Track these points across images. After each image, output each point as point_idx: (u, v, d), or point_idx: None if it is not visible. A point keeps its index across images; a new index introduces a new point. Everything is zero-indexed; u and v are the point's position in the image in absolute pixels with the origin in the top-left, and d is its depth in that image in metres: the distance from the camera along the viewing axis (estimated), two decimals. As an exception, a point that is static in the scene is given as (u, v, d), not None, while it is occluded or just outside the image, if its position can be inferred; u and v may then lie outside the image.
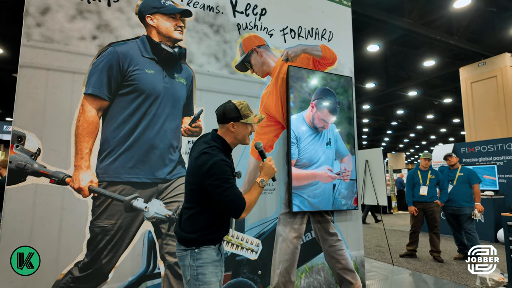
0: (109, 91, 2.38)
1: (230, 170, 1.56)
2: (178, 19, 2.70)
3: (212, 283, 1.55)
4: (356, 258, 3.26)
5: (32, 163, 2.13)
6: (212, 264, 1.58)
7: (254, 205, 1.63)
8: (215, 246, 1.61)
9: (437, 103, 16.70)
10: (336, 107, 3.26)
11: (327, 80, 3.25)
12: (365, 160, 4.98)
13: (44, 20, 2.26)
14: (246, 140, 1.72)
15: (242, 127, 1.67)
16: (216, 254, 1.62)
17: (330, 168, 3.13)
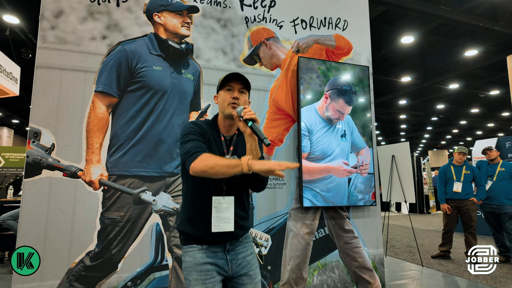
0: (118, 88, 2.48)
1: (197, 129, 1.37)
2: (185, 16, 2.74)
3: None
4: (375, 257, 3.10)
5: (47, 157, 2.27)
6: (196, 270, 1.32)
7: (215, 168, 1.19)
8: (201, 247, 1.34)
9: (482, 95, 15.47)
10: (352, 97, 3.12)
11: (340, 70, 3.13)
12: (391, 156, 4.73)
13: (58, 22, 2.40)
14: (226, 109, 1.38)
15: (221, 95, 1.42)
16: (205, 256, 1.33)
17: (346, 162, 3.01)
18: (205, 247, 1.34)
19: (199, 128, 1.38)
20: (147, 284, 2.39)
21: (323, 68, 3.06)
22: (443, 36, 10.28)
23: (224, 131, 1.46)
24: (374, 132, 3.25)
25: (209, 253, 1.34)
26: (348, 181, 3.00)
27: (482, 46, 10.23)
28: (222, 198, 1.38)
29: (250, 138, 1.32)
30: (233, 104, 1.37)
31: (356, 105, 3.14)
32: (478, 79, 13.27)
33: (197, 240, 1.35)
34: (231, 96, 1.38)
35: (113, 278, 2.32)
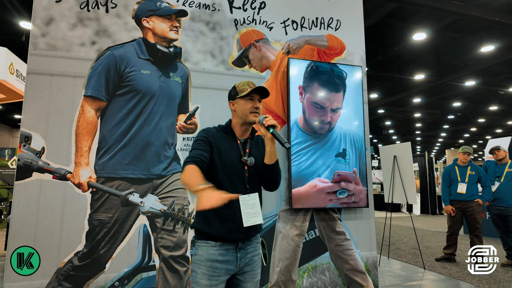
0: (107, 92, 2.54)
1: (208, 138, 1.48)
2: (173, 20, 2.78)
3: (200, 285, 1.39)
4: (368, 259, 3.05)
5: (37, 160, 2.35)
6: (206, 265, 1.40)
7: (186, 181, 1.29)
8: (216, 243, 1.43)
9: (502, 92, 14.91)
10: (335, 80, 3.03)
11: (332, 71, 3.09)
12: (393, 156, 4.64)
13: (49, 30, 2.48)
14: (248, 117, 1.51)
15: (241, 103, 1.54)
16: (218, 254, 1.42)
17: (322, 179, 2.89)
18: (219, 244, 1.43)
19: (207, 136, 1.50)
20: (134, 284, 2.45)
21: (314, 68, 3.03)
22: (458, 32, 9.98)
23: (239, 135, 1.58)
24: (367, 134, 3.20)
25: (222, 250, 1.43)
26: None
27: (499, 41, 9.87)
28: (248, 196, 1.50)
29: (270, 142, 1.49)
30: (255, 113, 1.53)
31: (348, 106, 3.09)
32: (497, 75, 12.81)
33: (214, 237, 1.43)
34: (252, 105, 1.53)
35: (101, 278, 2.38)
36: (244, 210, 1.47)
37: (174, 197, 2.60)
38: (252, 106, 1.53)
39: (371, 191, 3.14)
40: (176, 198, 2.60)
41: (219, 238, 1.44)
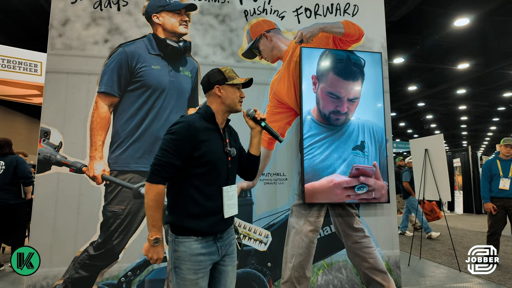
0: (119, 88, 2.61)
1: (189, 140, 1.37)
2: (183, 14, 2.79)
3: (187, 280, 1.36)
4: (389, 258, 2.86)
5: (55, 154, 2.48)
6: (190, 260, 1.37)
7: (146, 207, 1.36)
8: (197, 238, 1.39)
9: (561, 79, 13.37)
10: (352, 67, 2.86)
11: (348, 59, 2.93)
12: (424, 150, 4.32)
13: (65, 30, 2.60)
14: (236, 105, 1.50)
15: (230, 90, 1.48)
16: (201, 247, 1.39)
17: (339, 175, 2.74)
18: (200, 238, 1.39)
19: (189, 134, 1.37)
20: (146, 274, 2.50)
21: (329, 57, 2.89)
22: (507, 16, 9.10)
23: (219, 124, 1.51)
24: (389, 125, 2.99)
25: (203, 243, 1.40)
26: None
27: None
28: (229, 187, 1.49)
29: (259, 134, 1.57)
30: (241, 102, 1.54)
31: (367, 95, 2.91)
32: (555, 61, 11.52)
33: (198, 232, 1.39)
34: (240, 95, 1.52)
35: (115, 267, 2.46)
36: (226, 201, 1.46)
37: (184, 190, 2.61)
38: (240, 95, 1.53)
39: (393, 186, 2.94)
40: (186, 191, 2.62)
41: (202, 232, 1.40)
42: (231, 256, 1.53)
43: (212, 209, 1.42)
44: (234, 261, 1.55)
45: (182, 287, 1.37)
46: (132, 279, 2.47)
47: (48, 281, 2.36)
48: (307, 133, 2.77)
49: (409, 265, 4.10)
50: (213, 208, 1.42)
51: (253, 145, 1.58)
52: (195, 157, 1.38)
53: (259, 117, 1.53)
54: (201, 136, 1.40)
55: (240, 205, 2.62)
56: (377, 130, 2.90)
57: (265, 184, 2.75)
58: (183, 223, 1.39)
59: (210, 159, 1.40)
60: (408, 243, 5.20)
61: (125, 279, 2.45)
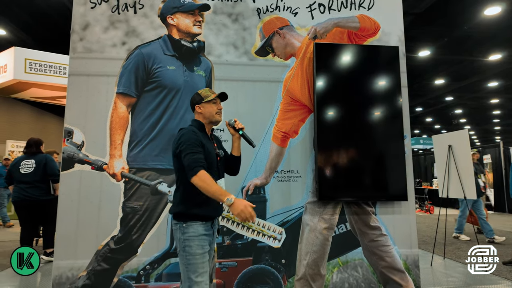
0: (136, 88, 2.71)
1: (198, 139, 1.70)
2: (196, 15, 2.85)
3: (197, 254, 1.68)
4: (407, 257, 2.79)
5: (78, 153, 2.62)
6: (198, 238, 1.70)
7: (203, 187, 1.60)
8: (202, 222, 1.72)
9: None
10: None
11: (364, 53, 2.87)
12: (447, 146, 4.16)
13: (85, 34, 2.73)
14: (214, 117, 1.84)
15: (207, 106, 1.84)
16: (205, 229, 1.73)
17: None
18: (204, 223, 1.73)
19: (198, 137, 1.72)
20: (164, 268, 2.59)
21: (344, 52, 2.84)
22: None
23: (207, 131, 1.88)
24: (407, 120, 2.91)
25: (206, 227, 1.74)
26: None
27: None
28: (221, 180, 1.86)
29: (238, 140, 1.94)
30: (219, 113, 1.86)
31: (384, 90, 2.85)
32: None
33: (203, 217, 1.73)
34: (217, 107, 1.85)
35: (134, 261, 2.57)
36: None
37: (199, 187, 2.68)
38: (217, 107, 1.85)
39: (411, 183, 2.86)
40: (201, 188, 2.68)
41: (206, 217, 1.74)
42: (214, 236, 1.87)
43: (211, 198, 1.66)
44: (215, 241, 1.92)
45: (192, 260, 1.67)
46: (150, 272, 2.56)
47: (73, 272, 2.50)
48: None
49: (432, 265, 3.97)
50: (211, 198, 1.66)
51: (234, 148, 1.94)
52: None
53: (237, 126, 1.89)
54: (202, 140, 1.74)
55: (254, 202, 2.65)
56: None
57: (279, 182, 2.76)
58: (192, 211, 1.71)
59: (209, 160, 1.74)
60: (432, 242, 5.04)
61: (144, 272, 2.55)
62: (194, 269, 1.66)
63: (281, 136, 2.80)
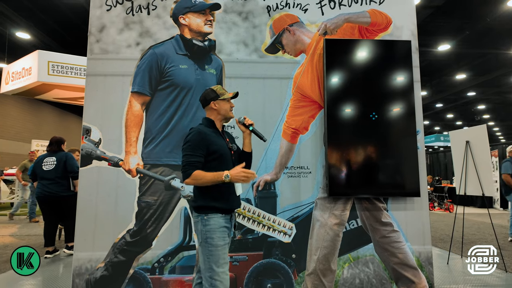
0: (150, 87, 2.80)
1: (203, 141, 1.79)
2: (207, 14, 2.91)
3: (219, 245, 1.77)
4: (420, 254, 2.76)
5: (96, 150, 2.73)
6: (219, 230, 1.79)
7: (201, 183, 1.74)
8: (222, 215, 1.81)
9: None
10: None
11: (375, 48, 2.85)
12: (465, 141, 4.06)
13: (101, 36, 2.84)
14: (229, 113, 1.96)
15: (222, 103, 1.93)
16: (225, 221, 1.82)
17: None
18: (224, 215, 1.82)
19: (202, 138, 1.79)
20: (177, 261, 2.67)
21: (355, 48, 2.83)
22: None
23: (219, 128, 1.97)
24: (420, 115, 2.87)
25: (225, 219, 1.83)
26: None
27: None
28: None
29: (248, 136, 2.01)
30: (231, 110, 1.98)
31: (396, 85, 2.82)
32: None
33: (222, 210, 1.81)
34: (230, 105, 1.97)
35: (149, 253, 2.66)
36: (236, 183, 1.88)
37: (211, 183, 2.74)
38: (230, 106, 1.96)
39: (424, 179, 2.82)
40: (213, 184, 2.74)
41: (225, 209, 1.82)
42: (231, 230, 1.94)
43: (228, 190, 1.84)
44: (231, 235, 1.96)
45: (214, 251, 1.75)
46: (164, 265, 2.65)
47: (92, 263, 2.62)
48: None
49: (448, 264, 3.90)
50: (229, 190, 1.84)
51: (245, 144, 2.02)
52: (210, 152, 1.80)
53: (247, 123, 1.97)
54: (209, 138, 1.82)
55: (264, 198, 2.70)
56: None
57: (289, 177, 2.79)
58: (211, 203, 1.80)
59: (221, 153, 1.83)
60: (448, 240, 4.92)
61: (158, 264, 2.64)
62: (216, 259, 1.74)
63: (291, 133, 2.82)
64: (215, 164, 1.80)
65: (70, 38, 10.51)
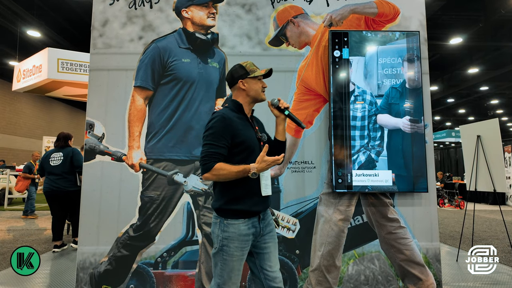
0: (153, 81, 2.78)
1: (227, 129, 1.52)
2: (210, 7, 2.87)
3: (234, 256, 1.54)
4: (427, 251, 2.69)
5: (99, 144, 2.73)
6: (238, 239, 1.54)
7: (223, 178, 1.50)
8: (245, 220, 1.56)
9: None
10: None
11: (382, 40, 2.77)
12: (476, 136, 3.94)
13: (104, 30, 2.83)
14: (260, 95, 1.66)
15: (252, 83, 1.65)
16: (247, 228, 1.56)
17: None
18: (247, 220, 1.57)
19: (225, 125, 1.53)
20: (180, 256, 2.66)
21: (361, 39, 2.76)
22: None
23: (247, 113, 1.69)
24: (428, 108, 2.79)
25: (249, 225, 1.57)
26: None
27: None
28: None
29: (283, 122, 1.73)
30: (264, 91, 1.69)
31: (403, 77, 2.75)
32: None
33: (244, 214, 1.56)
34: (262, 85, 1.67)
35: (152, 248, 2.66)
36: (262, 181, 1.61)
37: (214, 178, 2.72)
38: (262, 85, 1.67)
39: (433, 174, 2.74)
40: (216, 179, 2.72)
41: (248, 213, 1.57)
42: (271, 235, 1.68)
43: (253, 189, 1.58)
44: (275, 239, 1.70)
45: (228, 262, 1.54)
46: (167, 259, 2.65)
47: (96, 257, 2.64)
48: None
49: (457, 261, 3.81)
50: (253, 189, 1.58)
51: (278, 132, 1.73)
52: (235, 144, 1.55)
53: (282, 106, 1.67)
54: (236, 125, 1.56)
55: (267, 193, 2.65)
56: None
57: (293, 172, 2.74)
58: (232, 206, 1.56)
59: (249, 144, 1.58)
60: (458, 237, 4.81)
61: (161, 259, 2.64)
62: (229, 269, 1.53)
63: (294, 127, 2.77)
64: (240, 159, 1.54)
65: (80, 35, 10.61)
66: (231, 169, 1.47)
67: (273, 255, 1.67)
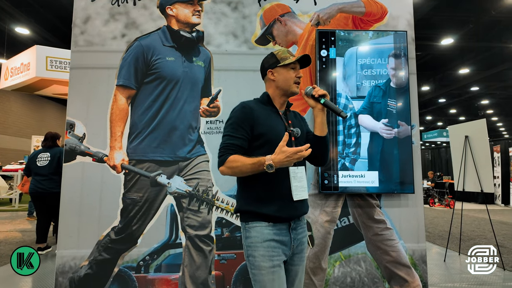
0: (136, 80, 2.71)
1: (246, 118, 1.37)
2: (195, 4, 2.81)
3: (262, 268, 1.30)
4: (414, 252, 2.67)
5: (80, 145, 2.66)
6: (263, 245, 1.32)
7: (238, 172, 1.31)
8: (267, 224, 1.34)
9: None
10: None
11: (369, 39, 2.74)
12: (464, 136, 3.94)
13: (86, 28, 2.75)
14: (291, 87, 1.44)
15: (282, 72, 1.44)
16: (273, 233, 1.34)
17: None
18: (272, 224, 1.34)
19: (245, 113, 1.38)
20: (163, 259, 2.60)
21: (348, 38, 2.73)
22: None
23: (279, 107, 1.49)
24: (415, 109, 2.77)
25: (275, 230, 1.34)
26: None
27: None
28: (297, 168, 1.40)
29: (321, 113, 1.46)
30: (298, 83, 1.45)
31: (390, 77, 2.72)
32: None
33: (266, 217, 1.34)
34: (296, 75, 1.44)
35: (134, 251, 2.60)
36: (294, 183, 1.38)
37: (198, 179, 2.67)
38: (296, 75, 1.45)
39: (419, 175, 2.72)
40: (200, 180, 2.67)
41: (271, 217, 1.34)
42: (301, 256, 1.45)
43: (280, 191, 1.36)
44: (304, 261, 1.47)
45: (257, 277, 1.30)
46: (150, 263, 2.58)
47: (76, 261, 2.57)
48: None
49: (445, 261, 3.81)
50: (280, 191, 1.36)
51: (316, 125, 1.48)
52: (255, 136, 1.37)
53: (317, 94, 1.42)
54: (257, 115, 1.39)
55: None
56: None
57: (279, 173, 2.70)
58: (252, 208, 1.36)
59: (270, 137, 1.35)
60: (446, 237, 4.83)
61: (144, 262, 2.58)
62: (261, 286, 1.30)
63: (281, 127, 2.72)
64: (261, 153, 1.29)
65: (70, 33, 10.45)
66: (245, 161, 1.27)
67: (299, 281, 1.44)
